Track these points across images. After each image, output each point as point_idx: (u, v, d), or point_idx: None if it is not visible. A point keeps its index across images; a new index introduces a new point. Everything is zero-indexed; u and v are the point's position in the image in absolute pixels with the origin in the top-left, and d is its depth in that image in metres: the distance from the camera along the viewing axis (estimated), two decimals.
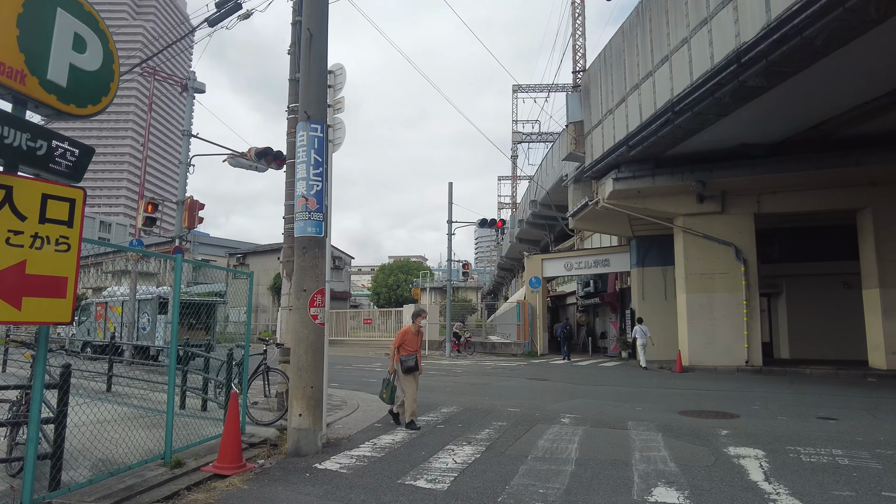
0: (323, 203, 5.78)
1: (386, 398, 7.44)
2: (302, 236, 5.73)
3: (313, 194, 5.72)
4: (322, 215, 5.77)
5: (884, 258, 15.91)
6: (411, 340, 7.43)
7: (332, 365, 18.18)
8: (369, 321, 35.54)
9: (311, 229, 5.70)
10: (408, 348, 7.37)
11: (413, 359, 7.33)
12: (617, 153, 17.32)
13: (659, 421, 7.60)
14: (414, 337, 7.47)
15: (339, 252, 50.50)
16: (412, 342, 7.43)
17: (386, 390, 7.44)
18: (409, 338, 7.43)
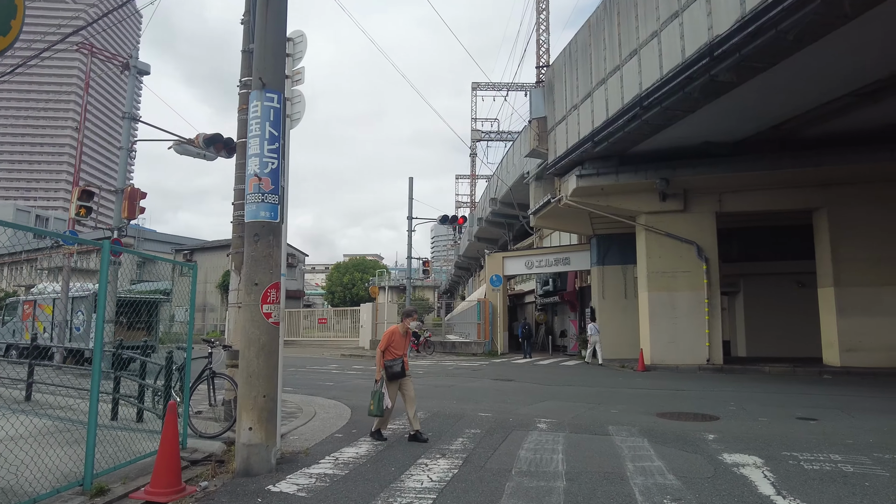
0: (279, 184, 5.03)
1: (374, 410, 6.43)
2: (254, 221, 4.95)
3: (268, 173, 4.95)
4: (277, 198, 5.02)
5: (838, 258, 16.19)
6: (399, 343, 6.61)
7: (284, 367, 17.23)
8: (324, 321, 34.46)
9: (265, 213, 4.94)
10: (394, 351, 6.56)
11: (399, 363, 6.53)
12: (581, 149, 17.03)
13: (639, 425, 7.17)
14: (402, 339, 6.66)
15: (292, 249, 48.97)
16: (399, 344, 6.62)
17: (374, 401, 6.45)
18: (396, 339, 6.60)
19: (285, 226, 5.47)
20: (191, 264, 6.01)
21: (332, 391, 10.93)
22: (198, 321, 44.49)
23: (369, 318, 26.94)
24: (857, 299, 15.80)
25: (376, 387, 6.52)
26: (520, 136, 26.35)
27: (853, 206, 16.23)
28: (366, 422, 7.49)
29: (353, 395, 10.40)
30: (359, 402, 9.27)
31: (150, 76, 14.63)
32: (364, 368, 16.80)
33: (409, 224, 22.59)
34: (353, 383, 12.51)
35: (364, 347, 26.66)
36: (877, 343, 15.55)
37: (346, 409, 8.52)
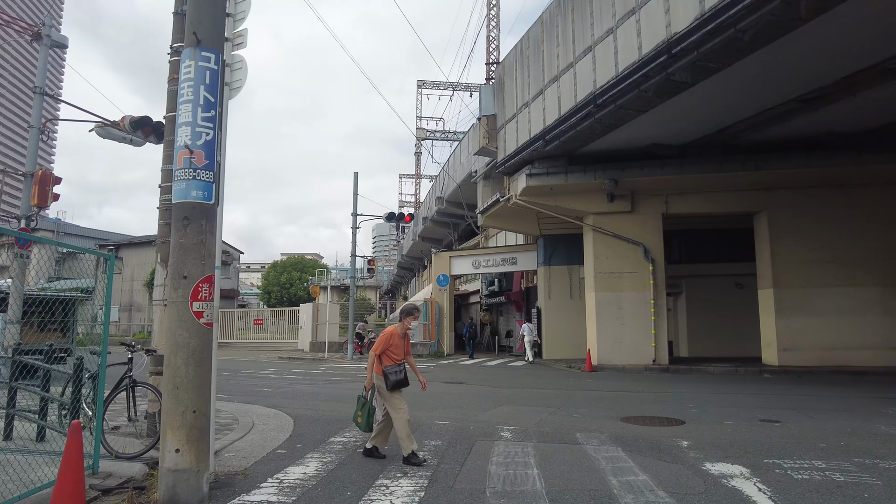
0: (214, 158, 4.24)
1: (362, 424, 5.57)
2: (183, 202, 4.15)
3: (201, 145, 4.16)
4: (213, 175, 4.23)
5: (777, 260, 16.65)
6: (398, 346, 5.71)
7: (218, 371, 15.99)
8: (260, 321, 32.89)
9: (197, 193, 4.14)
10: (393, 356, 5.64)
11: (402, 370, 5.63)
12: (532, 148, 16.77)
13: (607, 431, 6.78)
14: (401, 341, 5.75)
15: (226, 246, 46.70)
16: (398, 348, 5.71)
17: (362, 413, 5.57)
18: (394, 342, 5.69)
19: (221, 210, 4.67)
20: (107, 255, 5.08)
21: (271, 398, 10.04)
22: (124, 322, 41.63)
23: (309, 319, 25.79)
24: (793, 300, 16.30)
25: (365, 395, 5.65)
26: (468, 134, 25.97)
27: (791, 210, 16.74)
28: (311, 434, 6.74)
29: (295, 402, 9.57)
30: (302, 411, 8.47)
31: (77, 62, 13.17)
32: (305, 372, 15.84)
33: (354, 221, 21.70)
34: (295, 389, 11.62)
35: (304, 350, 25.49)
36: (811, 343, 16.08)
37: (287, 420, 7.71)
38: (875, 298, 16.00)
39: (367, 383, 5.69)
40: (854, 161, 15.46)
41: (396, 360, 5.65)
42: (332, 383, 12.79)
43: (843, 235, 16.44)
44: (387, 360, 5.62)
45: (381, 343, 5.70)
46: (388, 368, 5.57)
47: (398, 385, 5.56)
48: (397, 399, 5.57)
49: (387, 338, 5.72)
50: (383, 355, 5.62)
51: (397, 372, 5.58)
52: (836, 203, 16.53)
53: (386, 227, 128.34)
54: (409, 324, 5.83)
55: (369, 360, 5.70)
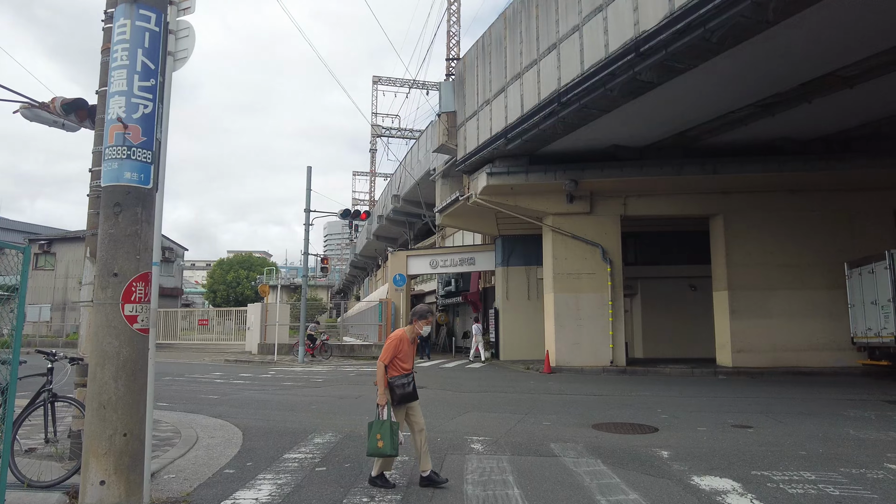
0: (153, 136, 3.60)
1: (386, 448, 4.59)
2: (115, 185, 3.50)
3: (138, 119, 3.52)
4: (151, 155, 3.60)
5: (732, 263, 16.92)
6: (407, 353, 4.96)
7: (160, 375, 14.94)
8: (205, 322, 31.42)
9: (132, 175, 3.50)
10: (401, 365, 4.89)
11: (411, 381, 4.92)
12: (493, 146, 16.46)
13: (582, 441, 6.44)
14: (410, 348, 5.01)
15: (169, 242, 44.55)
16: (408, 355, 4.98)
17: (382, 435, 4.62)
18: (404, 349, 4.93)
19: (161, 196, 4.01)
20: (20, 246, 4.31)
21: (217, 406, 9.27)
22: (56, 322, 39.02)
23: (258, 320, 24.69)
24: (747, 303, 16.58)
25: (380, 414, 4.75)
26: (426, 131, 25.51)
27: (746, 214, 17.05)
28: (263, 450, 6.10)
29: (244, 411, 8.84)
30: (252, 422, 7.78)
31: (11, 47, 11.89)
32: (254, 376, 14.97)
33: (307, 217, 20.84)
34: (243, 396, 10.84)
35: (251, 352, 24.38)
36: (763, 344, 16.40)
37: (236, 432, 7.02)
38: (823, 301, 16.46)
39: (379, 399, 4.77)
40: (805, 167, 15.85)
41: (405, 369, 4.90)
42: (284, 389, 12.05)
43: (793, 239, 16.86)
44: (393, 369, 4.86)
45: (390, 350, 4.88)
46: (395, 380, 4.81)
47: (405, 399, 4.86)
48: (398, 416, 4.89)
49: (395, 344, 4.89)
50: (390, 364, 4.84)
51: (405, 384, 4.84)
52: (788, 207, 16.94)
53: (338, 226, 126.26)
54: (421, 328, 5.03)
55: (378, 372, 4.82)
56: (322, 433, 6.93)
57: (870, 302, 14.45)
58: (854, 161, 15.69)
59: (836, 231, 16.81)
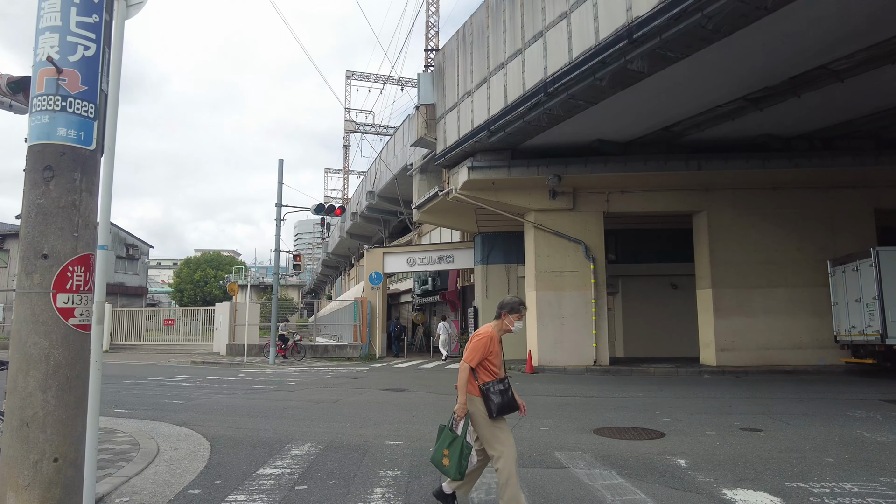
0: (97, 85, 2.90)
1: (451, 469, 3.85)
2: (45, 145, 2.79)
3: (77, 63, 2.82)
4: (94, 108, 2.89)
5: (716, 260, 16.70)
6: (497, 354, 4.12)
7: (120, 378, 13.95)
8: (171, 322, 30.11)
9: (68, 132, 2.80)
10: (493, 368, 4.04)
11: (508, 388, 4.04)
12: (475, 139, 15.90)
13: (589, 449, 5.91)
14: (499, 348, 4.16)
15: (134, 239, 42.82)
16: (498, 357, 4.12)
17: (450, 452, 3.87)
18: (494, 349, 4.08)
19: (110, 163, 3.29)
20: None
21: (182, 413, 8.46)
22: (9, 323, 37.04)
23: (226, 320, 23.65)
24: (731, 301, 16.38)
25: (451, 426, 3.98)
26: (404, 125, 24.82)
27: (729, 211, 16.87)
28: (233, 464, 5.39)
29: (212, 418, 8.07)
30: (220, 431, 7.03)
31: None
32: (222, 379, 14.09)
33: (279, 212, 19.95)
34: (210, 401, 10.02)
35: (220, 353, 23.33)
36: (747, 343, 16.23)
37: (202, 443, 6.28)
38: (805, 299, 16.37)
39: (458, 409, 3.94)
40: (788, 164, 15.72)
41: (496, 373, 4.05)
42: (255, 393, 11.25)
43: (775, 237, 16.74)
44: (484, 374, 3.99)
45: (478, 350, 4.00)
46: (489, 386, 3.92)
47: (505, 409, 3.96)
48: (501, 430, 3.96)
49: (485, 342, 4.04)
50: (479, 367, 4.00)
51: (503, 391, 3.97)
52: (771, 205, 16.82)
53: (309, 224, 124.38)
54: (511, 324, 4.18)
55: (461, 376, 3.96)
56: (300, 444, 6.23)
57: (854, 300, 14.35)
58: (837, 159, 15.62)
59: (818, 229, 16.75)
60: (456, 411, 3.96)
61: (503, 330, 4.19)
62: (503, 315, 4.22)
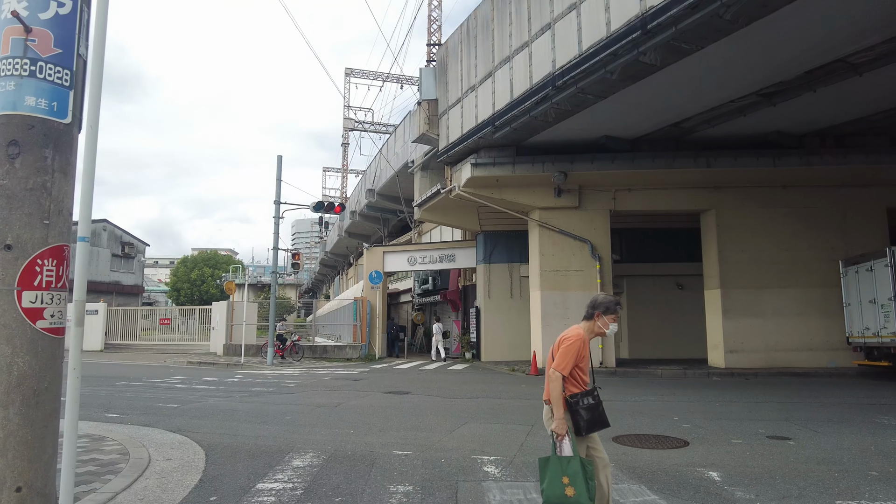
0: (74, 50, 2.50)
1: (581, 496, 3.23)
2: (9, 116, 2.39)
3: (49, 21, 2.41)
4: (70, 76, 2.49)
5: (725, 260, 16.34)
6: (587, 361, 3.60)
7: (114, 380, 13.52)
8: (167, 321, 29.65)
9: (38, 101, 2.40)
10: (582, 377, 3.54)
11: (598, 401, 3.56)
12: (479, 135, 15.52)
13: (611, 459, 5.42)
14: (589, 354, 3.63)
15: (130, 237, 42.33)
16: (587, 365, 3.61)
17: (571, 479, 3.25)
18: (585, 355, 3.56)
19: (92, 143, 2.88)
20: None
21: (176, 418, 8.05)
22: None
23: (223, 319, 23.21)
24: (740, 301, 16.02)
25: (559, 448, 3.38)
26: (405, 121, 24.42)
27: (738, 210, 16.51)
28: (230, 476, 4.98)
29: (208, 423, 7.66)
30: (216, 438, 6.62)
31: None
32: (219, 381, 13.67)
33: (277, 210, 19.52)
34: (206, 404, 9.61)
35: (217, 353, 22.90)
36: (757, 344, 15.87)
37: (197, 452, 5.88)
38: (816, 299, 16.01)
39: (557, 426, 3.38)
40: (800, 162, 15.37)
41: (585, 382, 3.53)
42: (253, 395, 10.85)
43: (785, 236, 16.39)
44: (571, 384, 3.47)
45: (570, 355, 3.45)
46: (578, 398, 3.44)
47: (595, 426, 3.48)
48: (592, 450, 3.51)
49: (577, 346, 3.50)
50: (568, 377, 3.45)
51: (593, 405, 3.46)
52: (781, 203, 16.46)
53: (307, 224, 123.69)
54: (606, 326, 3.64)
55: (554, 386, 3.42)
56: (301, 453, 5.83)
57: (868, 301, 13.99)
58: (849, 156, 15.27)
59: (829, 228, 16.40)
60: (554, 430, 3.40)
61: (594, 332, 3.65)
62: (596, 316, 3.65)
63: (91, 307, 27.32)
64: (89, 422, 7.49)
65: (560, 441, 3.37)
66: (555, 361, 3.52)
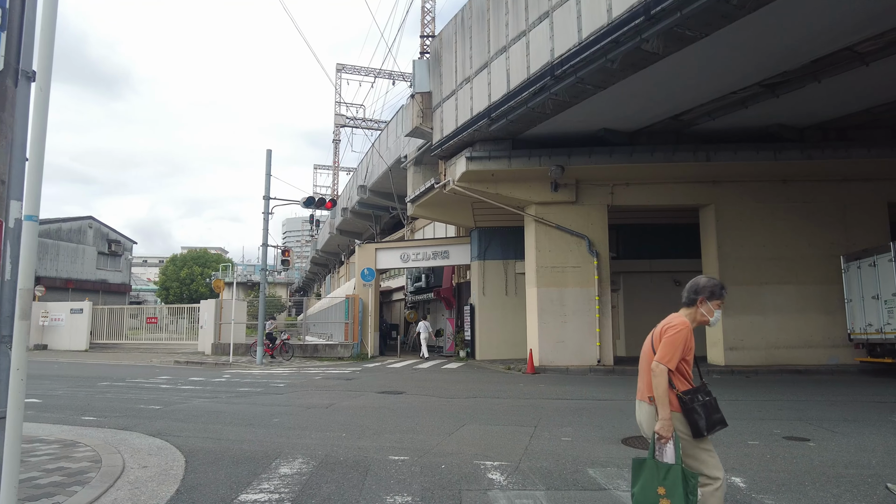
0: None
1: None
2: None
3: None
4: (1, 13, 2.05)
5: (724, 256, 16.07)
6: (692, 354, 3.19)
7: (95, 380, 13.00)
8: (154, 320, 29.03)
9: None
10: (688, 371, 3.15)
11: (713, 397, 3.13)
12: (474, 127, 15.12)
13: (624, 463, 5.14)
14: (693, 343, 3.18)
15: (117, 235, 41.56)
16: (692, 356, 3.20)
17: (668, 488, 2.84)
18: (691, 346, 3.15)
19: (44, 98, 2.44)
20: None
21: (157, 420, 7.59)
22: None
23: (212, 318, 22.68)
24: (739, 298, 15.71)
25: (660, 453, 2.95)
26: (398, 115, 23.96)
27: (737, 205, 16.24)
28: (211, 486, 4.55)
29: (190, 426, 7.20)
30: (199, 442, 6.18)
31: None
32: (206, 381, 13.19)
33: (266, 205, 19.01)
34: (191, 406, 9.14)
35: (205, 353, 22.36)
36: (757, 341, 15.61)
37: (176, 458, 5.44)
38: (816, 296, 15.76)
39: (661, 428, 2.94)
40: (801, 156, 15.09)
41: (690, 378, 3.13)
42: (240, 396, 10.39)
43: (786, 232, 16.13)
44: (679, 379, 3.06)
45: (677, 345, 3.04)
46: (692, 396, 3.02)
47: (714, 427, 3.05)
48: (708, 453, 3.05)
49: (684, 336, 3.07)
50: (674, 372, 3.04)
51: (709, 403, 3.06)
52: (781, 198, 16.20)
53: (297, 223, 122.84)
54: (710, 313, 3.20)
55: (660, 381, 2.99)
56: (289, 459, 5.40)
57: (870, 297, 13.74)
58: (851, 150, 15.01)
59: (829, 223, 16.16)
60: (658, 431, 2.93)
61: (696, 321, 3.21)
62: (699, 302, 3.20)
63: (76, 306, 26.69)
64: (62, 426, 7.03)
65: (663, 445, 2.93)
66: (658, 353, 3.06)
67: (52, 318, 26.25)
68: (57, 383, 12.36)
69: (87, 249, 38.07)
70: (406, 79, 38.35)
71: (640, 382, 3.26)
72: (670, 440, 2.92)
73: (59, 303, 27.89)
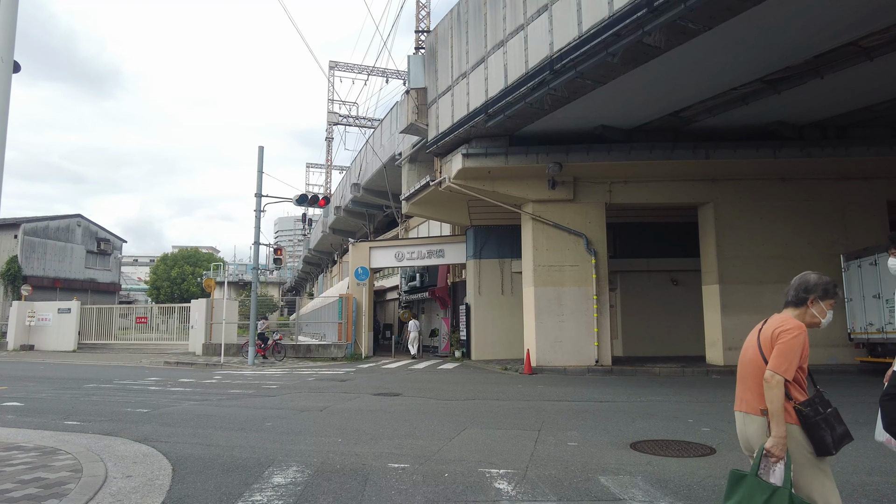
0: None
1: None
2: None
3: None
4: None
5: (723, 255, 15.90)
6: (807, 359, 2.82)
7: (82, 382, 12.62)
8: (144, 320, 28.58)
9: None
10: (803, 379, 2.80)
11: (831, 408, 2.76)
12: (471, 123, 14.86)
13: (636, 470, 4.88)
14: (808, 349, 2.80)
15: (106, 233, 40.97)
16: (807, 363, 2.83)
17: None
18: (807, 352, 2.78)
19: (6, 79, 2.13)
20: None
21: (144, 425, 7.27)
22: None
23: (203, 318, 22.30)
24: (739, 297, 15.57)
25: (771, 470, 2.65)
26: (392, 112, 23.67)
27: (736, 203, 16.08)
28: (199, 498, 4.26)
29: (179, 431, 6.89)
30: (187, 448, 5.88)
31: None
32: (196, 382, 12.85)
33: (258, 203, 18.64)
34: (180, 409, 8.82)
35: (195, 353, 21.98)
36: None
37: (163, 466, 5.13)
38: None
39: (773, 445, 2.61)
40: (801, 153, 14.95)
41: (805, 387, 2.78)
42: (231, 399, 10.07)
43: (786, 230, 15.99)
44: (795, 389, 2.73)
45: (794, 351, 2.70)
46: (813, 407, 2.69)
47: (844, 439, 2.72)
48: (826, 475, 2.71)
49: (802, 340, 2.73)
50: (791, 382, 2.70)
51: (829, 414, 2.70)
52: (780, 197, 16.06)
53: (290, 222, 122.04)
54: (822, 314, 2.89)
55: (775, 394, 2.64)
56: (283, 467, 5.11)
57: (871, 296, 13.60)
58: (851, 148, 14.89)
59: (829, 222, 16.03)
60: (770, 449, 2.61)
61: (806, 323, 2.87)
62: (810, 301, 2.88)
63: (64, 305, 26.22)
64: (43, 431, 6.70)
65: (774, 465, 2.61)
66: (772, 361, 2.70)
67: (38, 318, 25.75)
68: (42, 385, 11.98)
69: (76, 248, 37.50)
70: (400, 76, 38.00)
71: (743, 392, 2.91)
72: (782, 460, 2.61)
73: (46, 302, 27.40)
